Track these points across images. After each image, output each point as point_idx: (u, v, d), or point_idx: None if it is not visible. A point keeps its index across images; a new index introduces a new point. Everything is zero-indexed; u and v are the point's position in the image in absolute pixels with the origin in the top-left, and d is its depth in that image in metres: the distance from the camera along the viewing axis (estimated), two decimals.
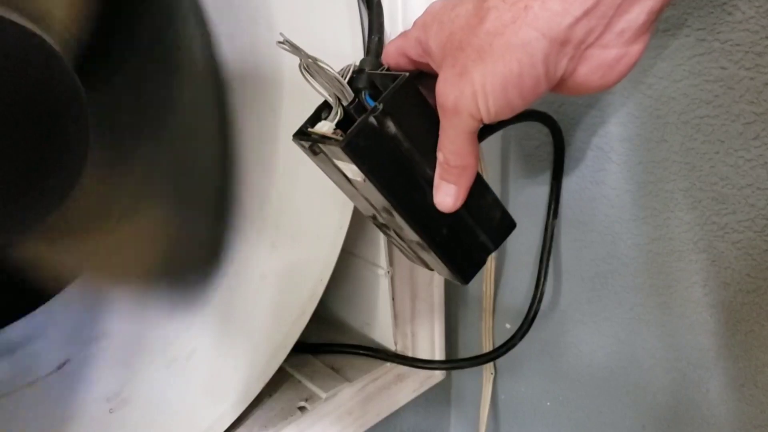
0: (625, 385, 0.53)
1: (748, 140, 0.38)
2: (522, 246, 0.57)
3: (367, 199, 0.37)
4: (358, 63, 0.36)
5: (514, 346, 0.55)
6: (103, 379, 0.57)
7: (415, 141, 0.33)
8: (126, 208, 0.56)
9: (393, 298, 0.60)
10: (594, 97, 0.45)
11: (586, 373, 0.57)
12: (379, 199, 0.35)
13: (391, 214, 0.36)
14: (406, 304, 0.62)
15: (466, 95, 0.29)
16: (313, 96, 0.34)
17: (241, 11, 0.50)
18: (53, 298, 0.60)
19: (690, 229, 0.43)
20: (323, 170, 0.38)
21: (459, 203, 0.34)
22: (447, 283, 0.64)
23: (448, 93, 0.30)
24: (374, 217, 0.40)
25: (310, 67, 0.32)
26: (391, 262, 0.58)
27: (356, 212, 0.50)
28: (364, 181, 0.33)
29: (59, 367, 0.59)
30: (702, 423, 0.48)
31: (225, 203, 0.56)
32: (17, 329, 0.62)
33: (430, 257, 0.38)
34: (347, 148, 0.31)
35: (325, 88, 0.34)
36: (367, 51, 0.42)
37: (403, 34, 0.35)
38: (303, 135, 0.36)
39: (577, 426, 0.60)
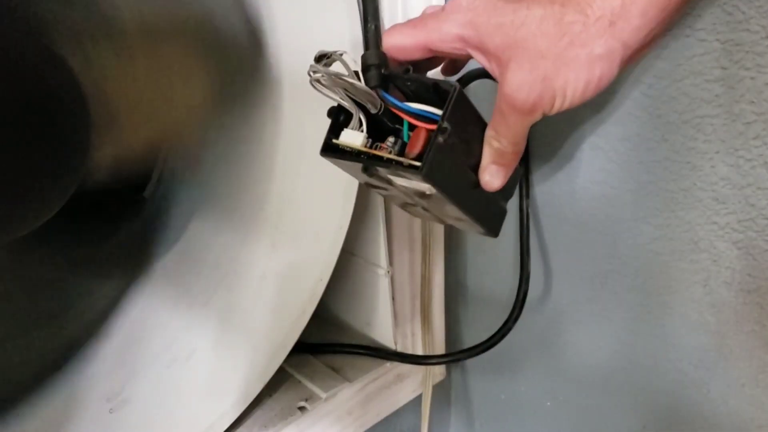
0: (626, 385, 0.53)
1: (749, 140, 0.38)
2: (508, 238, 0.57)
3: (404, 194, 0.37)
4: (344, 53, 0.34)
5: (509, 330, 0.54)
6: (103, 379, 0.57)
7: (462, 138, 0.34)
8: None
9: (393, 298, 0.60)
10: (594, 97, 0.45)
11: (586, 373, 0.56)
12: (429, 194, 0.35)
13: (437, 203, 0.37)
14: (406, 304, 0.62)
15: (545, 98, 0.32)
16: (313, 95, 0.34)
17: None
18: None
19: (691, 228, 0.43)
20: (349, 172, 0.38)
21: (504, 182, 0.37)
22: (448, 283, 0.64)
23: (527, 96, 0.32)
24: (397, 199, 0.40)
25: (337, 82, 0.32)
26: (391, 262, 0.58)
27: (356, 212, 0.50)
28: (430, 193, 0.34)
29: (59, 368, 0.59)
30: (703, 423, 0.48)
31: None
32: None
33: (465, 223, 0.41)
34: (427, 176, 0.32)
35: (341, 96, 0.33)
36: (366, 42, 0.38)
37: (421, 27, 0.35)
38: (332, 150, 0.35)
39: (577, 426, 0.60)
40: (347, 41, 0.44)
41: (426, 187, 0.34)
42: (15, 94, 0.37)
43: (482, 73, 0.41)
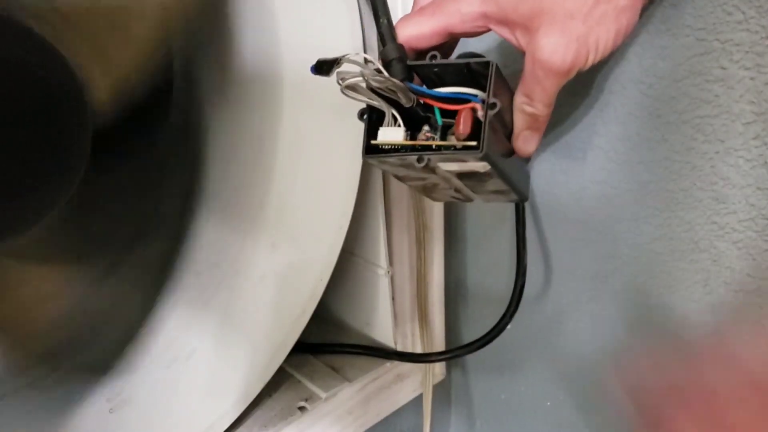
0: (626, 385, 0.53)
1: (749, 140, 0.38)
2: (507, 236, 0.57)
3: (444, 178, 0.37)
4: (361, 52, 0.35)
5: (507, 324, 0.54)
6: (103, 379, 0.57)
7: (499, 110, 0.35)
8: None
9: (393, 298, 0.60)
10: (594, 97, 0.45)
11: (586, 373, 0.57)
12: (482, 172, 0.36)
13: (481, 181, 0.37)
14: (406, 304, 0.62)
15: (581, 56, 0.33)
16: (314, 95, 0.34)
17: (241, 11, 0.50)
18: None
19: (690, 228, 0.43)
20: (387, 170, 0.38)
21: (537, 146, 0.38)
22: (447, 283, 0.64)
23: (563, 57, 0.33)
24: (432, 187, 0.40)
25: (371, 81, 0.32)
26: (391, 261, 0.58)
27: (356, 212, 0.50)
28: (484, 170, 0.34)
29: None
30: None
31: None
32: None
33: (500, 195, 0.41)
34: (486, 156, 0.32)
35: (370, 97, 0.33)
36: (381, 37, 0.38)
37: (438, 13, 0.35)
38: (375, 152, 0.35)
39: (577, 426, 0.60)
40: (347, 39, 0.44)
41: (480, 166, 0.34)
42: (10, 87, 0.37)
43: (472, 55, 0.41)
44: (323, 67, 0.33)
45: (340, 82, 0.32)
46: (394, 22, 0.38)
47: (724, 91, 0.38)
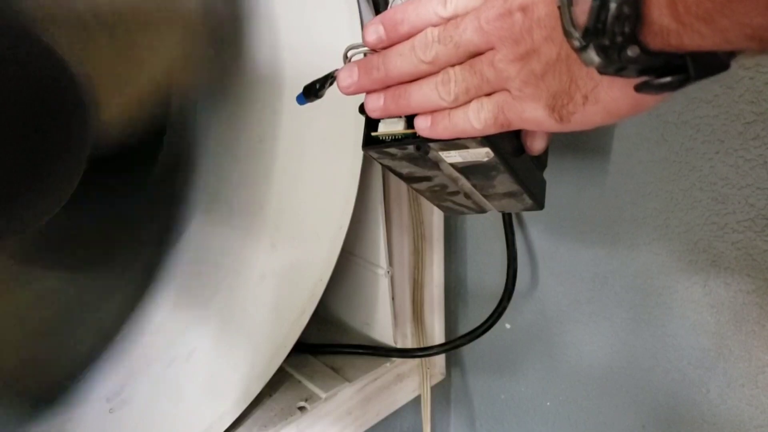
0: (625, 385, 0.53)
1: (748, 140, 0.38)
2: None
3: (450, 177, 0.37)
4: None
5: (504, 310, 0.55)
6: (103, 379, 0.57)
7: None
8: None
9: (393, 298, 0.60)
10: None
11: (586, 373, 0.57)
12: (486, 161, 0.35)
13: (488, 177, 0.36)
14: (405, 304, 0.62)
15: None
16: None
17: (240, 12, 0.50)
18: None
19: (690, 229, 0.43)
20: (390, 167, 0.37)
21: (547, 144, 0.37)
22: (447, 283, 0.64)
23: None
24: (440, 190, 0.40)
25: None
26: (390, 262, 0.58)
27: (356, 212, 0.51)
28: (488, 159, 0.33)
29: None
30: (702, 423, 0.48)
31: None
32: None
33: (513, 199, 0.40)
34: (487, 138, 0.31)
35: None
36: None
37: None
38: (374, 143, 0.34)
39: (577, 426, 0.60)
40: (347, 39, 0.44)
41: (483, 153, 0.33)
42: (10, 88, 0.37)
43: None
44: (312, 91, 0.33)
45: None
46: None
47: (724, 91, 0.38)
